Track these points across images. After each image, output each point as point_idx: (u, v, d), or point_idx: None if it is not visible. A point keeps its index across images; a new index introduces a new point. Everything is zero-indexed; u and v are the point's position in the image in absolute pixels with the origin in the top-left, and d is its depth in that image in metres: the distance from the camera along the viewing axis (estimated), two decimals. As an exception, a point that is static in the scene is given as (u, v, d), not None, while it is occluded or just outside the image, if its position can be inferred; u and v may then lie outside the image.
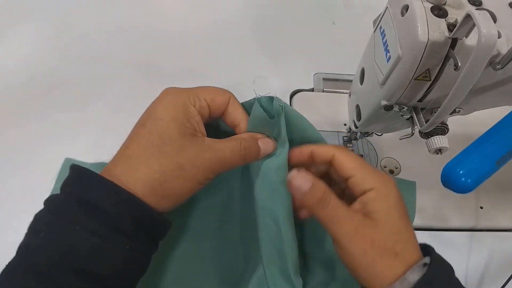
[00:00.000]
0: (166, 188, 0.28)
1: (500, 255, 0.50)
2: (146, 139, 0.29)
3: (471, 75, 0.29)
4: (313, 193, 0.30)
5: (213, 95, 0.32)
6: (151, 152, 0.28)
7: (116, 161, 0.29)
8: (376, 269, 0.28)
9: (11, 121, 0.53)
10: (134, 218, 0.27)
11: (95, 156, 0.50)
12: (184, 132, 0.29)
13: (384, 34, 0.36)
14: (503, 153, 0.34)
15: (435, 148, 0.38)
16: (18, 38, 0.61)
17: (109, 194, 0.27)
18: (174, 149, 0.28)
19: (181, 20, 0.67)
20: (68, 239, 0.26)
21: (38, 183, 0.48)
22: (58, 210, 0.27)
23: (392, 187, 0.31)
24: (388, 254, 0.28)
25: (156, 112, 0.30)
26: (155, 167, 0.28)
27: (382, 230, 0.29)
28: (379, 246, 0.28)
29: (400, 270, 0.28)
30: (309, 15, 0.71)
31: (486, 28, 0.26)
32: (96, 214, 0.26)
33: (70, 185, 0.28)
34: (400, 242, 0.29)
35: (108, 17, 0.65)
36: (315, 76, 0.61)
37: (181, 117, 0.29)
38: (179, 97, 0.30)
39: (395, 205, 0.30)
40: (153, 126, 0.29)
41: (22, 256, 0.26)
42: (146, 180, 0.28)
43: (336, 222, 0.29)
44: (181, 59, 0.62)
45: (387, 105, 0.37)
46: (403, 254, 0.29)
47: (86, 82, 0.58)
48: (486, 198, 0.54)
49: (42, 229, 0.26)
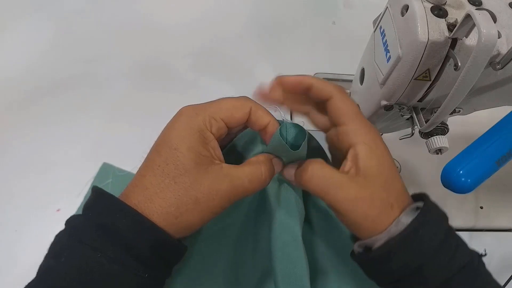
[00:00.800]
0: (181, 221, 0.28)
1: (500, 255, 0.50)
2: (161, 170, 0.28)
3: (471, 75, 0.29)
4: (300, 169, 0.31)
5: (230, 112, 0.30)
6: (166, 184, 0.28)
7: (133, 189, 0.28)
8: (377, 225, 0.29)
9: (11, 121, 0.53)
10: (154, 247, 0.27)
11: (96, 156, 0.50)
12: (201, 162, 0.28)
13: (384, 34, 0.36)
14: (503, 153, 0.34)
15: (435, 148, 0.38)
16: (18, 38, 0.61)
17: (130, 222, 0.27)
18: (190, 181, 0.28)
19: (181, 20, 0.67)
20: (88, 266, 0.26)
21: (38, 184, 0.48)
22: (80, 235, 0.27)
23: (380, 141, 0.31)
24: (385, 208, 0.29)
25: (171, 140, 0.29)
26: (171, 200, 0.27)
27: (377, 188, 0.30)
28: (376, 205, 0.29)
29: (395, 215, 0.29)
30: (309, 15, 0.71)
31: (486, 28, 0.26)
32: (117, 241, 0.26)
33: (92, 209, 0.28)
34: (393, 192, 0.30)
35: (108, 18, 0.65)
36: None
37: (197, 145, 0.28)
38: (194, 121, 0.29)
39: (384, 158, 0.31)
40: (168, 155, 0.28)
41: (43, 279, 0.26)
42: (162, 213, 0.27)
43: (331, 191, 0.30)
44: (181, 59, 0.62)
45: (387, 105, 0.37)
46: (397, 203, 0.30)
47: (86, 82, 0.58)
48: (486, 198, 0.54)
49: (63, 253, 0.26)
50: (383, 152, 0.31)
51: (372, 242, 0.30)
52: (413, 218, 0.29)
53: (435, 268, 0.29)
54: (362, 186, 0.30)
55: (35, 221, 0.46)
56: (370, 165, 0.30)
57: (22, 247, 0.44)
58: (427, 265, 0.28)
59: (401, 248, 0.28)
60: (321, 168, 0.30)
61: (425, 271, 0.28)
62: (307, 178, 0.30)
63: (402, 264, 0.29)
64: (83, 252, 0.26)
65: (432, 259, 0.28)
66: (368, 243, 0.30)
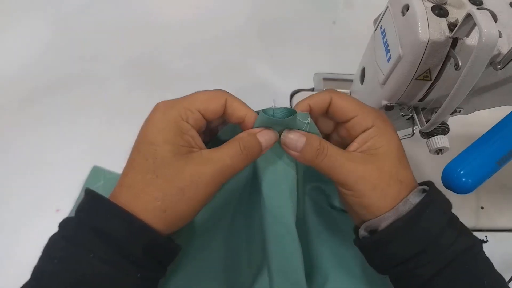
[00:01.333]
0: (170, 214, 0.28)
1: (500, 255, 0.50)
2: (141, 166, 0.28)
3: (471, 74, 0.29)
4: (309, 146, 0.30)
5: (206, 104, 0.30)
6: (149, 179, 0.28)
7: (119, 189, 0.28)
8: (387, 200, 0.30)
9: (10, 121, 0.53)
10: (146, 247, 0.27)
11: (96, 156, 0.50)
12: (179, 152, 0.28)
13: (384, 34, 0.36)
14: (504, 153, 0.34)
15: (436, 148, 0.38)
16: (16, 37, 0.61)
17: (121, 223, 0.27)
18: (171, 173, 0.28)
19: (181, 20, 0.67)
20: (81, 268, 0.26)
21: (37, 184, 0.48)
22: (72, 236, 0.27)
23: (388, 123, 0.32)
24: (394, 182, 0.30)
25: (148, 135, 0.29)
26: (156, 194, 0.27)
27: (385, 162, 0.30)
28: (385, 177, 0.30)
29: (404, 195, 0.30)
30: (309, 15, 0.71)
31: (487, 27, 0.26)
32: (110, 243, 0.26)
33: (84, 211, 0.28)
34: (401, 170, 0.31)
35: (109, 17, 0.65)
36: (315, 76, 0.61)
37: (173, 137, 0.28)
38: (169, 114, 0.29)
39: (393, 138, 0.32)
40: (146, 151, 0.28)
41: (37, 282, 0.26)
42: (149, 209, 0.27)
43: (338, 167, 0.30)
44: (181, 59, 0.62)
45: (388, 105, 0.37)
46: (405, 181, 0.31)
47: (85, 82, 0.58)
48: (487, 198, 0.54)
49: (57, 255, 0.26)
50: (392, 135, 0.32)
51: (378, 223, 0.30)
52: (421, 199, 0.29)
53: (440, 249, 0.29)
54: (371, 161, 0.30)
55: (34, 221, 0.46)
56: (380, 144, 0.31)
57: (21, 247, 0.44)
58: (432, 246, 0.29)
59: (409, 227, 0.29)
60: (331, 147, 0.31)
61: (430, 252, 0.29)
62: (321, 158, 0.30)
63: (409, 244, 0.29)
64: (76, 254, 0.26)
65: (437, 240, 0.29)
66: (374, 224, 0.30)
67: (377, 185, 0.30)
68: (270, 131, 0.31)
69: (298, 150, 0.31)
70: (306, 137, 0.31)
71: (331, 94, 0.32)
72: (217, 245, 0.38)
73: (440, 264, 0.29)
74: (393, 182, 0.30)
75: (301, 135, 0.31)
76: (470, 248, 0.29)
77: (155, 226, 0.27)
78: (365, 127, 0.31)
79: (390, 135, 0.32)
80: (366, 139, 0.31)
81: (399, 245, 0.29)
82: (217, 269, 0.38)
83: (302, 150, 0.31)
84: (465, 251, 0.29)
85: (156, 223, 0.27)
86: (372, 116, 0.32)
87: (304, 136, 0.31)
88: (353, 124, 0.32)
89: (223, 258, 0.38)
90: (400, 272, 0.30)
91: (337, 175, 0.30)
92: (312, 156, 0.30)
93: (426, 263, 0.29)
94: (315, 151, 0.30)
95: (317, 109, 0.32)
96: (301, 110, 0.32)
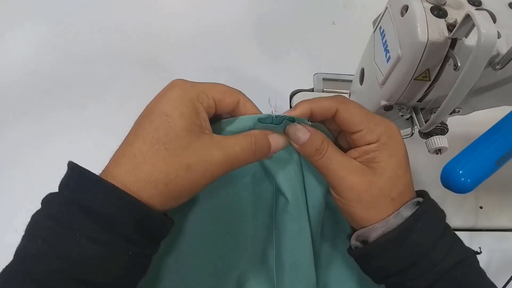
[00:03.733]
0: (171, 188, 0.27)
1: (500, 255, 0.50)
2: (151, 136, 0.27)
3: (470, 75, 0.29)
4: (310, 143, 0.31)
5: (222, 95, 0.30)
6: (156, 150, 0.26)
7: (118, 159, 0.27)
8: (371, 213, 0.30)
9: (11, 121, 0.53)
10: (137, 223, 0.26)
11: (96, 156, 0.50)
12: (192, 129, 0.28)
13: (384, 34, 0.36)
14: (503, 153, 0.34)
15: (435, 148, 0.38)
16: (18, 38, 0.61)
17: (110, 198, 0.25)
18: (181, 147, 0.27)
19: (182, 20, 0.67)
20: (67, 247, 0.25)
21: (39, 183, 0.48)
22: (57, 215, 0.25)
23: (396, 136, 0.31)
24: (383, 199, 0.30)
25: (162, 107, 0.28)
26: (161, 166, 0.26)
27: (379, 178, 0.30)
28: (374, 193, 0.30)
29: (392, 211, 0.30)
30: (309, 15, 0.71)
31: (485, 28, 0.27)
32: (97, 220, 0.25)
33: (69, 188, 0.27)
34: (397, 188, 0.30)
35: (109, 17, 0.65)
36: (315, 76, 0.61)
37: (189, 113, 0.28)
38: (187, 92, 0.29)
39: (396, 155, 0.31)
40: (159, 121, 0.27)
41: (21, 262, 0.25)
42: (150, 180, 0.26)
43: (331, 171, 0.30)
44: (181, 59, 0.62)
45: (387, 105, 0.37)
46: (399, 199, 0.30)
47: (86, 82, 0.58)
48: (486, 198, 0.54)
49: (40, 234, 0.25)
50: (397, 151, 0.31)
51: (368, 233, 0.30)
52: (413, 212, 0.29)
53: (431, 263, 0.29)
54: (365, 174, 0.30)
55: (35, 221, 0.46)
56: (380, 160, 0.30)
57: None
58: (423, 259, 0.29)
59: (399, 241, 0.29)
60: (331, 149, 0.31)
61: (421, 266, 0.29)
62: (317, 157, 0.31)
63: (399, 257, 0.29)
64: (61, 232, 0.25)
65: (429, 253, 0.29)
66: (364, 234, 0.30)
67: (362, 198, 0.30)
68: (281, 136, 0.32)
69: (299, 144, 0.31)
70: (311, 133, 0.31)
71: (337, 104, 0.31)
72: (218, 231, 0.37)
73: (431, 278, 0.29)
74: (383, 199, 0.30)
75: (306, 131, 0.31)
76: (462, 261, 0.29)
77: (150, 199, 0.26)
78: (369, 142, 0.31)
79: (393, 152, 0.31)
80: (367, 151, 0.31)
81: (388, 258, 0.29)
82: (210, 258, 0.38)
83: (302, 145, 0.31)
84: (457, 264, 0.29)
85: (153, 196, 0.26)
86: (378, 131, 0.31)
87: (308, 133, 0.31)
88: (357, 137, 0.31)
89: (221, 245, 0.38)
90: (392, 283, 0.30)
91: (328, 177, 0.31)
92: (310, 153, 0.31)
93: (417, 277, 0.29)
94: (314, 150, 0.31)
95: (319, 115, 0.32)
96: (301, 113, 0.31)
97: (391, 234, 0.29)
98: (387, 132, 0.31)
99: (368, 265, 0.31)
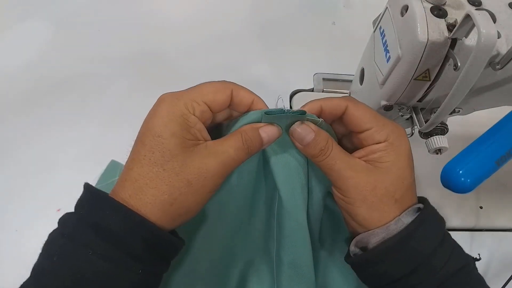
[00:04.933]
0: (177, 207, 0.28)
1: (500, 255, 0.50)
2: (148, 159, 0.28)
3: (470, 75, 0.29)
4: (315, 144, 0.31)
5: (212, 95, 0.30)
6: (155, 173, 0.27)
7: (122, 184, 0.28)
8: (374, 214, 0.30)
9: (11, 121, 0.53)
10: (147, 242, 0.27)
11: (96, 156, 0.50)
12: (186, 145, 0.28)
13: (384, 34, 0.36)
14: (503, 153, 0.34)
15: (435, 148, 0.38)
16: (18, 38, 0.61)
17: (121, 218, 0.26)
18: (178, 165, 0.27)
19: (182, 20, 0.67)
20: (80, 264, 0.26)
21: (38, 183, 0.48)
22: (71, 233, 0.27)
23: (404, 138, 0.31)
24: (387, 200, 0.30)
25: (154, 128, 0.28)
26: (162, 187, 0.27)
27: (385, 178, 0.30)
28: (379, 193, 0.30)
29: (396, 214, 0.30)
30: (309, 15, 0.71)
31: (485, 28, 0.27)
32: (109, 239, 0.26)
33: (83, 208, 0.28)
34: (400, 190, 0.30)
35: (108, 18, 0.65)
36: (315, 76, 0.61)
37: (180, 130, 0.28)
38: (175, 107, 0.29)
39: (403, 156, 0.31)
40: (153, 143, 0.28)
41: (36, 279, 0.26)
42: (156, 202, 0.27)
43: (336, 171, 0.30)
44: (181, 59, 0.62)
45: (387, 105, 0.37)
46: (401, 201, 0.30)
47: (86, 82, 0.58)
48: (486, 198, 0.54)
49: (56, 252, 0.26)
50: (404, 152, 0.31)
51: (368, 239, 0.30)
52: (413, 218, 0.29)
53: (432, 270, 0.29)
54: (370, 173, 0.30)
55: (35, 221, 0.46)
56: (386, 159, 0.30)
57: (22, 246, 0.44)
58: (423, 266, 0.28)
59: (399, 248, 0.29)
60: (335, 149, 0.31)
61: (421, 273, 0.29)
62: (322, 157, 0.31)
63: (400, 264, 0.29)
64: (75, 250, 0.26)
65: (429, 260, 0.29)
66: (364, 240, 0.30)
67: (367, 197, 0.30)
68: (274, 127, 0.31)
69: (304, 144, 0.31)
70: (315, 133, 0.31)
71: (347, 102, 0.31)
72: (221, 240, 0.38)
73: (432, 285, 0.29)
74: (387, 199, 0.30)
75: (310, 131, 0.31)
76: (462, 268, 0.29)
77: (159, 220, 0.27)
78: (377, 141, 0.31)
79: (401, 153, 0.31)
80: (375, 150, 0.31)
81: (389, 265, 0.29)
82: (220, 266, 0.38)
83: (307, 145, 0.31)
84: (458, 271, 0.29)
85: (161, 217, 0.27)
86: (387, 130, 0.31)
87: (313, 133, 0.31)
88: (366, 136, 0.31)
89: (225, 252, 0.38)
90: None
91: (333, 177, 0.31)
92: (314, 153, 0.31)
93: (417, 284, 0.29)
94: (319, 150, 0.31)
95: (328, 113, 0.32)
96: (311, 110, 0.31)
97: (392, 240, 0.29)
98: (395, 132, 0.31)
99: (368, 272, 0.31)
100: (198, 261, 0.37)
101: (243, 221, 0.38)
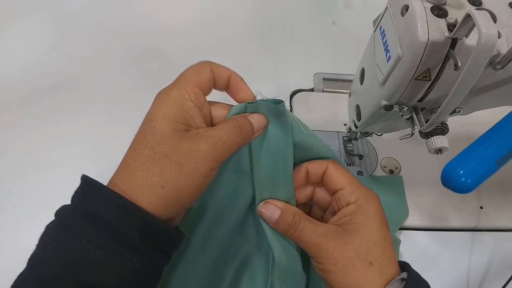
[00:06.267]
0: (168, 190, 0.27)
1: (500, 255, 0.50)
2: (140, 143, 0.28)
3: (471, 75, 0.29)
4: (283, 220, 0.32)
5: (197, 75, 0.31)
6: (146, 155, 0.27)
7: (117, 170, 0.29)
8: (348, 279, 0.29)
9: (10, 121, 0.53)
10: (140, 230, 0.27)
11: (97, 156, 0.50)
12: (178, 128, 0.28)
13: (384, 34, 0.36)
14: (503, 153, 0.34)
15: (435, 148, 0.38)
16: (18, 38, 0.61)
17: (114, 206, 0.26)
18: (169, 148, 0.27)
19: (182, 21, 0.67)
20: (74, 252, 0.26)
21: (38, 183, 0.48)
22: (66, 222, 0.27)
23: (375, 202, 0.33)
24: (359, 263, 0.30)
25: (149, 115, 0.29)
26: (153, 170, 0.27)
27: (354, 240, 0.30)
28: (350, 255, 0.30)
29: (377, 281, 0.29)
30: (309, 15, 0.71)
31: (486, 28, 0.26)
32: (102, 227, 0.26)
33: (78, 198, 0.28)
34: (374, 252, 0.30)
35: (108, 18, 0.65)
36: (315, 76, 0.61)
37: (172, 113, 0.28)
38: (169, 94, 0.29)
39: (371, 218, 0.32)
40: (145, 128, 0.28)
41: (32, 269, 0.26)
42: (146, 184, 0.27)
43: (307, 239, 0.31)
44: (181, 59, 0.62)
45: (387, 105, 0.37)
46: (378, 265, 0.30)
47: (86, 82, 0.58)
48: (486, 198, 0.54)
49: (51, 241, 0.27)
50: (373, 214, 0.32)
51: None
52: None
53: None
54: (340, 236, 0.31)
55: (35, 221, 0.46)
56: (356, 221, 0.31)
57: (22, 247, 0.44)
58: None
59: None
60: (303, 220, 0.32)
61: None
62: (292, 231, 0.32)
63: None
64: (69, 239, 0.26)
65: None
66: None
67: (338, 261, 0.30)
68: (260, 115, 0.32)
69: (273, 222, 0.33)
70: (281, 210, 0.33)
71: (328, 163, 0.34)
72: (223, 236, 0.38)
73: None
74: (359, 262, 0.30)
75: (276, 209, 0.33)
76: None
77: (152, 205, 0.27)
78: (348, 201, 0.32)
79: (369, 215, 0.32)
80: (345, 213, 0.32)
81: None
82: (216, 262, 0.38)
83: (276, 222, 0.33)
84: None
85: (153, 200, 0.27)
86: (358, 193, 0.32)
87: (279, 210, 0.33)
88: (339, 196, 0.33)
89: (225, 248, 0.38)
90: None
91: (305, 247, 0.32)
92: (284, 229, 0.32)
93: None
94: (287, 225, 0.32)
95: (313, 173, 0.34)
96: (299, 174, 0.34)
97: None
98: (366, 196, 0.33)
99: None
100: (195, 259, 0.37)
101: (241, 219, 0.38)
